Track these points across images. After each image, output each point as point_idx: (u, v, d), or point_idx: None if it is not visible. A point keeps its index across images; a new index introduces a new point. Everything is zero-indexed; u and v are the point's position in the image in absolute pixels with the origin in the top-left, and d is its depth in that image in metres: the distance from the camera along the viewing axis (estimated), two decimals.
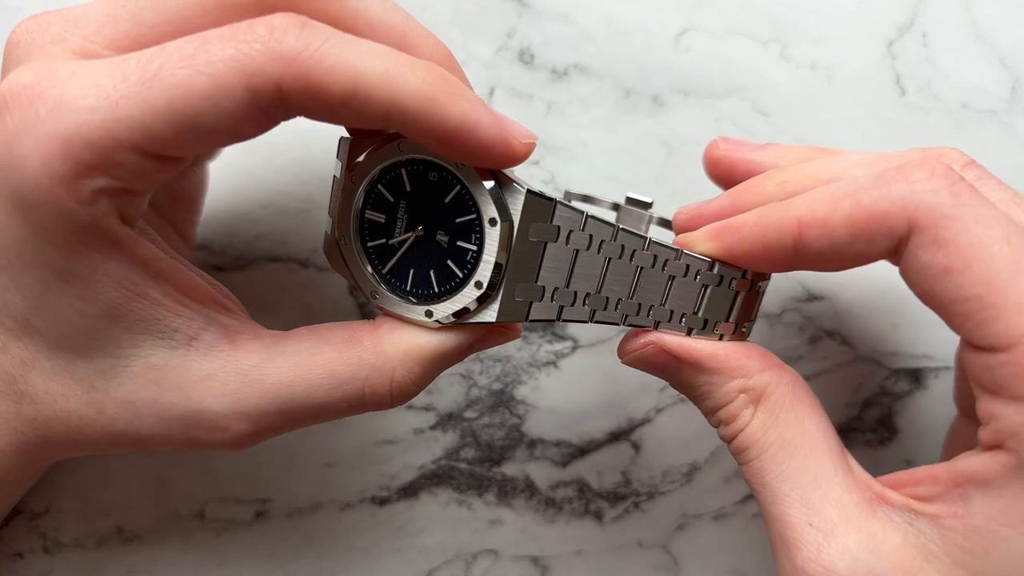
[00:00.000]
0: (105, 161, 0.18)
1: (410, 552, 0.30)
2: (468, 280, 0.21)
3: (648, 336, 0.22)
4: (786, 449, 0.20)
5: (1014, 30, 0.33)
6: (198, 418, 0.21)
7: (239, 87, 0.17)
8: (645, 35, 0.31)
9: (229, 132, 0.18)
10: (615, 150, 0.31)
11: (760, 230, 0.20)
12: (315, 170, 0.30)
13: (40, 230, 0.19)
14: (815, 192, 0.20)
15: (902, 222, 0.18)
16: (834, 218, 0.19)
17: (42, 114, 0.18)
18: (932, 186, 0.18)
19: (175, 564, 0.29)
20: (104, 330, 0.20)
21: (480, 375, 0.30)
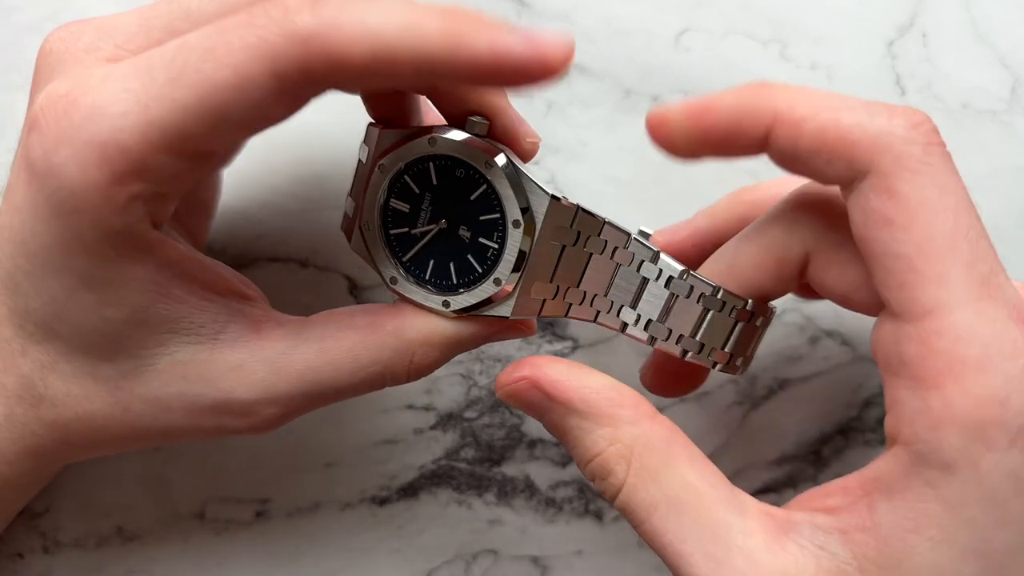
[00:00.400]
0: (141, 166, 0.18)
1: (410, 552, 0.30)
2: (487, 275, 0.22)
3: (523, 371, 0.21)
4: (675, 507, 0.19)
5: (1014, 30, 0.33)
6: (228, 406, 0.21)
7: (264, 75, 0.17)
8: (645, 35, 0.31)
9: (262, 119, 0.18)
10: (615, 150, 0.31)
11: (737, 113, 0.19)
12: (315, 170, 0.30)
13: (73, 237, 0.19)
14: (805, 91, 0.19)
15: (864, 159, 0.18)
16: (808, 125, 0.18)
17: (77, 122, 0.18)
18: (909, 136, 0.18)
19: (175, 564, 0.29)
20: (129, 332, 0.20)
21: (480, 375, 0.30)
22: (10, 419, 0.21)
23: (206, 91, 0.17)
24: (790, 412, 0.31)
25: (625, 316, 0.23)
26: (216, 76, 0.17)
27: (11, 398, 0.21)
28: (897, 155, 0.18)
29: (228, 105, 0.17)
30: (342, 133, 0.29)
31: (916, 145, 0.18)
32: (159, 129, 0.17)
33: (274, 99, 0.17)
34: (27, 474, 0.23)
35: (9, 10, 0.29)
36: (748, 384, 0.31)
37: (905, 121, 0.18)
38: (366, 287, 0.30)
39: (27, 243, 0.19)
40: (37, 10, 0.29)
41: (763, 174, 0.32)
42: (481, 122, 0.21)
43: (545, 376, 0.21)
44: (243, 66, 0.17)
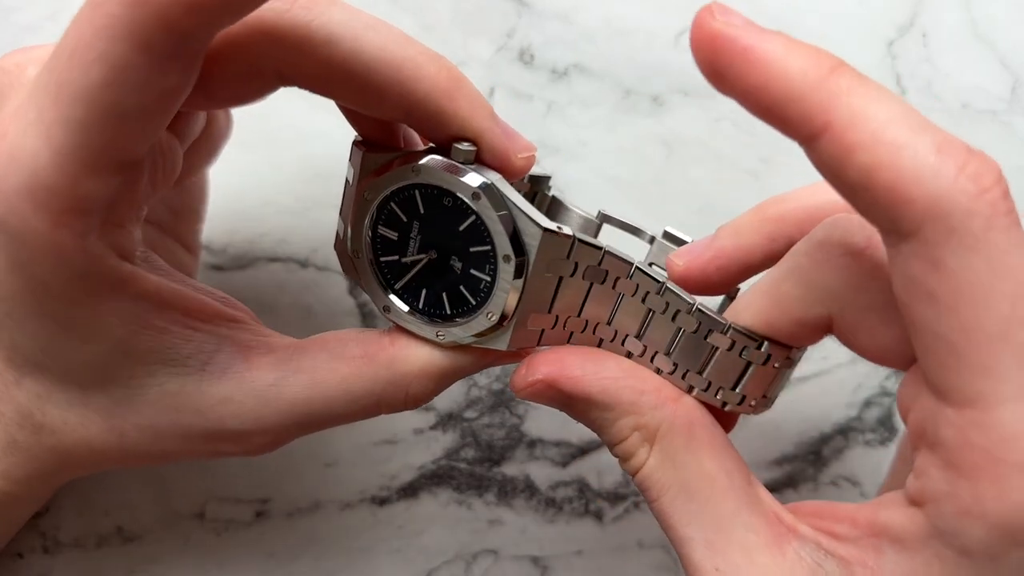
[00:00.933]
0: (74, 199, 0.17)
1: (410, 552, 0.30)
2: (481, 308, 0.20)
3: (537, 372, 0.20)
4: (686, 491, 0.19)
5: (1014, 30, 0.33)
6: (220, 435, 0.21)
7: (130, 54, 0.15)
8: (645, 35, 0.31)
9: (162, 98, 0.16)
10: (615, 150, 0.31)
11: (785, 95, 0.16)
12: (316, 169, 0.30)
13: (37, 284, 0.18)
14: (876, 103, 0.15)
15: (914, 220, 0.15)
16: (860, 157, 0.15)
17: (2, 172, 0.17)
18: (972, 205, 0.15)
19: (175, 564, 0.29)
20: (116, 364, 0.20)
21: (480, 375, 0.30)
22: (14, 445, 0.21)
23: (88, 99, 0.16)
24: (790, 412, 0.31)
25: (630, 346, 0.21)
26: (89, 79, 0.15)
27: (11, 426, 0.21)
28: (952, 227, 0.15)
29: (116, 103, 0.16)
30: (342, 133, 0.29)
31: (978, 217, 0.15)
32: (69, 156, 0.16)
33: (158, 72, 0.16)
34: (33, 492, 0.23)
35: (9, 10, 0.29)
36: None
37: (974, 184, 0.15)
38: None
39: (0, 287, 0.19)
40: (37, 10, 0.29)
41: (764, 176, 0.32)
42: (468, 149, 0.19)
43: (560, 375, 0.20)
44: (106, 56, 0.15)
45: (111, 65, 0.15)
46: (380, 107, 0.19)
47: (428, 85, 0.19)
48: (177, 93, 0.17)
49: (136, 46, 0.15)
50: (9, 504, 0.22)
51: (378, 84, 0.18)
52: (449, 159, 0.20)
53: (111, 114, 0.16)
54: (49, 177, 0.16)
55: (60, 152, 0.16)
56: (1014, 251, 0.15)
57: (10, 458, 0.21)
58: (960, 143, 0.15)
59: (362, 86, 0.19)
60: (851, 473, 0.31)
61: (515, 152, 0.20)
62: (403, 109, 0.19)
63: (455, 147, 0.19)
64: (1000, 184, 0.15)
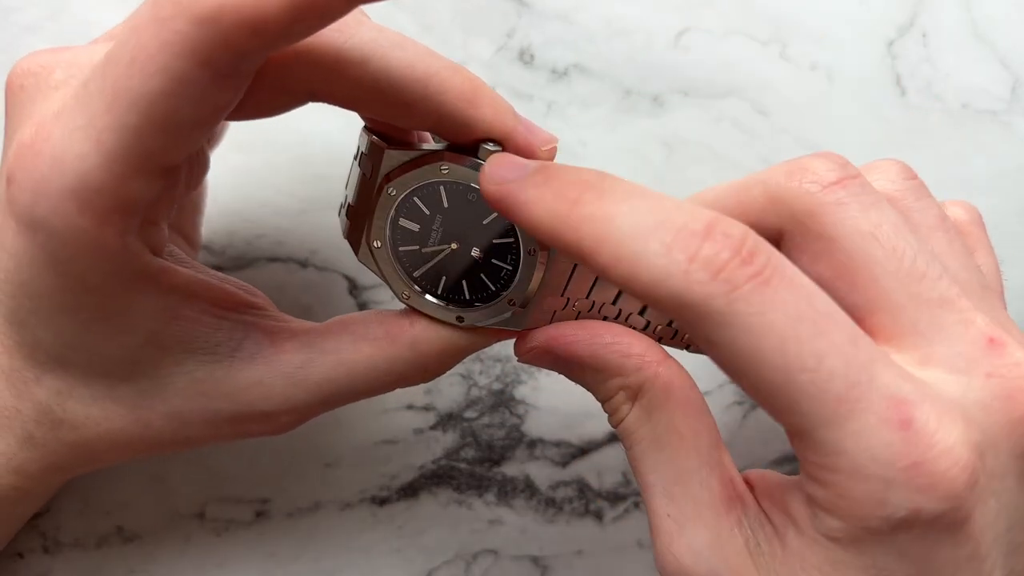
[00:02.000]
0: (118, 201, 0.17)
1: (410, 552, 0.30)
2: (501, 294, 0.22)
3: (537, 339, 0.22)
4: (655, 444, 0.21)
5: (1014, 30, 0.33)
6: (249, 417, 0.22)
7: (192, 69, 0.16)
8: (645, 35, 0.31)
9: (213, 110, 0.17)
10: (615, 150, 0.31)
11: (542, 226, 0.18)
12: (315, 169, 0.30)
13: (76, 282, 0.19)
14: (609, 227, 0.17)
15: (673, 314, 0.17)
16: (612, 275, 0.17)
17: (46, 173, 0.17)
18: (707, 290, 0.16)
19: (175, 564, 0.29)
20: (145, 356, 0.20)
21: (480, 375, 0.30)
22: (30, 441, 0.21)
23: (145, 107, 0.16)
24: None
25: (634, 323, 0.23)
26: (147, 88, 0.16)
27: (28, 422, 0.21)
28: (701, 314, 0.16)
29: (172, 112, 0.17)
30: (342, 133, 0.29)
31: (718, 298, 0.16)
32: (119, 160, 0.17)
33: (215, 87, 0.17)
34: (45, 487, 0.23)
35: (9, 10, 0.29)
36: None
37: (705, 270, 0.16)
38: (366, 287, 0.30)
39: (28, 285, 0.19)
40: (37, 10, 0.29)
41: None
42: (494, 149, 0.20)
43: (556, 341, 0.22)
44: (169, 69, 0.16)
45: (172, 78, 0.16)
46: (408, 120, 0.20)
47: (454, 96, 0.20)
48: (228, 107, 0.18)
49: (198, 63, 0.16)
50: (20, 500, 0.23)
51: (407, 100, 0.19)
52: (476, 158, 0.20)
53: (166, 123, 0.17)
54: (97, 179, 0.17)
55: (110, 156, 0.17)
56: (768, 308, 0.16)
57: (26, 453, 0.21)
58: (693, 226, 0.16)
59: (391, 102, 0.19)
60: None
61: (538, 146, 0.21)
62: (431, 121, 0.20)
63: (483, 148, 0.20)
64: (739, 251, 0.16)
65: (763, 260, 0.16)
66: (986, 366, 0.18)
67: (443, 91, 0.19)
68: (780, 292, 0.16)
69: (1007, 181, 0.33)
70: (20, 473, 0.22)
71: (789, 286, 0.16)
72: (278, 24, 0.16)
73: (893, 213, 0.19)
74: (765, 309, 0.16)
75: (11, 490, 0.22)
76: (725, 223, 0.17)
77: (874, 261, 0.19)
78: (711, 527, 0.20)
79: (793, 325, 0.16)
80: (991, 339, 0.18)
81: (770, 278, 0.16)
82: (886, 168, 0.22)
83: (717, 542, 0.20)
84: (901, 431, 0.16)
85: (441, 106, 0.19)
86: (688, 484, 0.20)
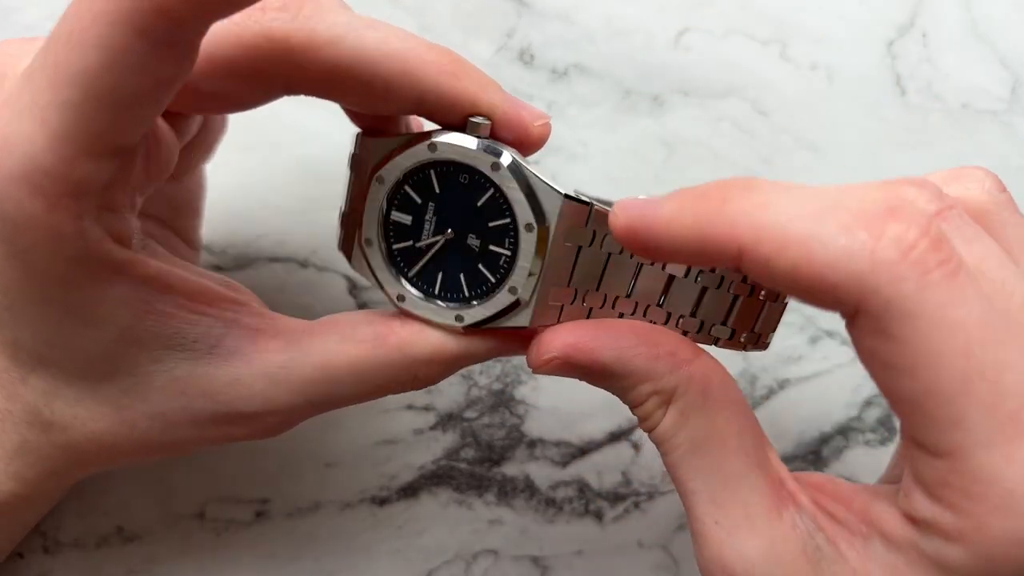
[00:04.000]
0: (69, 183, 0.17)
1: (410, 552, 0.30)
2: (501, 285, 0.20)
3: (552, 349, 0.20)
4: (695, 448, 0.20)
5: (1014, 30, 0.33)
6: (230, 418, 0.21)
7: (128, 38, 0.15)
8: (645, 35, 0.31)
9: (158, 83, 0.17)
10: (615, 150, 0.31)
11: (694, 244, 0.17)
12: (314, 170, 0.30)
13: (37, 271, 0.18)
14: (775, 207, 0.16)
15: (851, 301, 0.15)
16: (778, 265, 0.15)
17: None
18: (898, 270, 0.15)
19: (175, 564, 0.29)
20: (122, 352, 0.20)
21: (480, 375, 0.30)
22: (25, 445, 0.21)
23: (85, 82, 0.16)
24: (790, 412, 0.31)
25: (652, 316, 0.22)
26: (86, 63, 0.15)
27: (20, 424, 0.21)
28: (886, 299, 0.15)
29: (113, 87, 0.16)
30: (342, 133, 0.29)
31: (908, 281, 0.15)
32: (65, 140, 0.16)
33: (155, 58, 0.16)
34: (44, 493, 0.23)
35: (9, 10, 0.29)
36: (748, 384, 0.31)
37: (895, 248, 0.15)
38: (366, 287, 0.30)
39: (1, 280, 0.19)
40: (37, 10, 0.29)
41: (764, 176, 0.32)
42: (483, 122, 0.20)
43: (575, 349, 0.20)
44: (105, 40, 0.15)
45: (109, 49, 0.15)
46: (389, 102, 0.19)
47: (434, 70, 0.19)
48: (173, 81, 0.17)
49: (134, 32, 0.15)
50: (20, 507, 0.23)
51: (384, 79, 0.19)
52: (465, 133, 0.20)
53: (107, 98, 0.16)
54: (45, 160, 0.16)
55: (56, 135, 0.16)
56: (957, 301, 0.15)
57: (22, 459, 0.21)
58: (876, 207, 0.15)
59: (368, 84, 0.19)
60: (851, 473, 0.31)
61: (530, 121, 0.20)
62: (412, 100, 0.19)
63: (471, 121, 0.20)
64: (929, 232, 0.15)
65: (950, 248, 0.15)
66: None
67: (422, 66, 0.19)
68: (968, 287, 0.15)
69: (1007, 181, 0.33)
70: (18, 479, 0.21)
71: (972, 283, 0.15)
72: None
73: None
74: (956, 302, 0.15)
75: (11, 496, 0.22)
76: (910, 202, 0.15)
77: None
78: (764, 534, 0.19)
79: (980, 327, 0.15)
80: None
81: (957, 269, 0.15)
82: (976, 176, 0.20)
83: (772, 549, 0.18)
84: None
85: (421, 83, 0.19)
86: (736, 489, 0.19)
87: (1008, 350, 0.15)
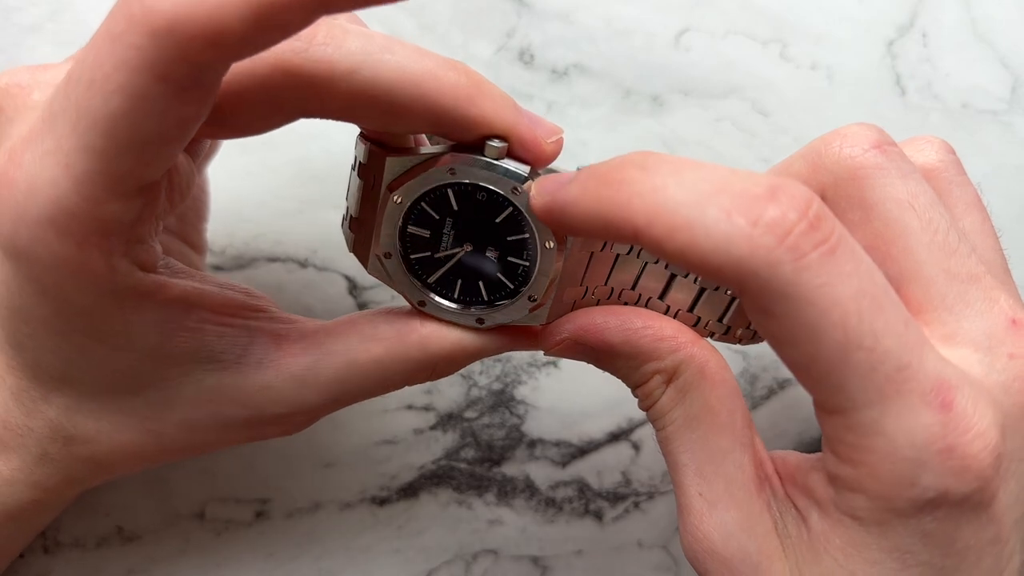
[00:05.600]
0: (97, 223, 0.17)
1: (410, 552, 0.30)
2: (520, 291, 0.21)
3: (563, 331, 0.22)
4: (688, 424, 0.21)
5: (1014, 30, 0.33)
6: (260, 420, 0.21)
7: (150, 84, 0.15)
8: (645, 35, 0.31)
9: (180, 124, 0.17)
10: (615, 150, 0.31)
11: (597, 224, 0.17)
12: (313, 170, 0.30)
13: (67, 307, 0.18)
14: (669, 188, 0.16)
15: (734, 283, 0.16)
16: (668, 247, 0.16)
17: (21, 202, 0.17)
18: (774, 255, 0.15)
19: (175, 564, 0.29)
20: (149, 369, 0.20)
21: (480, 375, 0.30)
22: (45, 457, 0.21)
23: (108, 127, 0.16)
24: (790, 412, 0.31)
25: (654, 306, 0.23)
26: (108, 108, 0.16)
27: (42, 440, 0.21)
28: (764, 281, 0.16)
29: (136, 130, 0.16)
30: (341, 133, 0.29)
31: (784, 265, 0.15)
32: (90, 183, 0.16)
33: (177, 101, 0.16)
34: (63, 499, 0.23)
35: (9, 10, 0.29)
36: (748, 384, 0.31)
37: (771, 234, 0.15)
38: (366, 287, 0.30)
39: (22, 311, 0.19)
40: (37, 10, 0.29)
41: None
42: (500, 145, 0.20)
43: (585, 331, 0.22)
44: (127, 86, 0.15)
45: (131, 95, 0.15)
46: (404, 125, 0.19)
47: (450, 94, 0.19)
48: (194, 120, 0.17)
49: (156, 78, 0.15)
50: (38, 512, 0.23)
51: (402, 105, 0.19)
52: (482, 156, 0.20)
53: (131, 142, 0.16)
54: (71, 203, 0.17)
55: (81, 180, 0.16)
56: (834, 279, 0.16)
57: (42, 469, 0.22)
58: (755, 190, 0.16)
59: (386, 110, 0.19)
60: None
61: (544, 139, 0.21)
62: (429, 123, 0.19)
63: (488, 145, 0.20)
64: (806, 215, 0.15)
65: (829, 227, 0.16)
66: (1009, 346, 0.18)
67: (438, 90, 0.19)
68: (846, 264, 0.16)
69: (1007, 181, 0.33)
70: (38, 487, 0.22)
71: (852, 258, 0.16)
72: (236, 35, 0.15)
73: (927, 186, 0.19)
74: (832, 280, 0.15)
75: (30, 503, 0.22)
76: (790, 184, 0.16)
77: (909, 231, 0.19)
78: (743, 507, 0.20)
79: (856, 300, 0.16)
80: (1013, 320, 0.18)
81: (835, 247, 0.16)
82: (927, 141, 0.22)
83: (748, 522, 0.20)
84: (942, 414, 0.16)
85: (438, 106, 0.19)
86: (722, 463, 0.20)
87: (885, 317, 0.16)
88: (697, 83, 0.31)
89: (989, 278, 0.19)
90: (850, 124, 0.20)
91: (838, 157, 0.20)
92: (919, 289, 0.19)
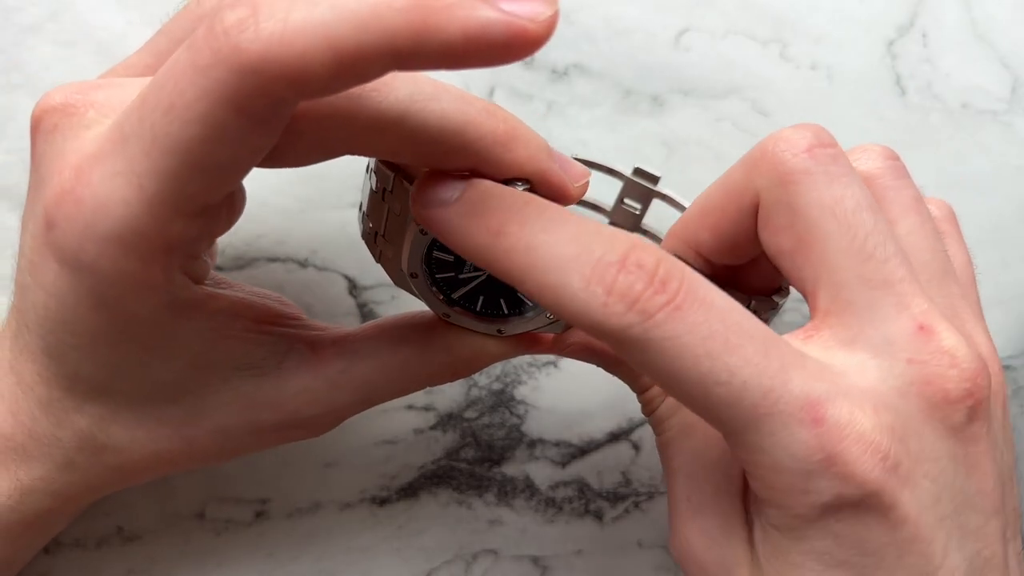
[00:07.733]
0: (162, 242, 0.18)
1: (410, 552, 0.30)
2: (538, 308, 0.22)
3: (575, 338, 0.24)
4: (684, 432, 0.22)
5: (1014, 30, 0.33)
6: (293, 423, 0.23)
7: (229, 115, 0.16)
8: (645, 35, 0.31)
9: (251, 152, 0.17)
10: (615, 150, 0.31)
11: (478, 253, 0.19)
12: (314, 169, 0.30)
13: (122, 317, 0.19)
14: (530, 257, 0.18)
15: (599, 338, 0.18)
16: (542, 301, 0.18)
17: (90, 219, 0.18)
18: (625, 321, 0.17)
19: (175, 564, 0.29)
20: (190, 377, 0.21)
21: (480, 375, 0.30)
22: (71, 465, 0.22)
23: (184, 152, 0.16)
24: None
25: None
26: (186, 135, 0.16)
27: (70, 449, 0.21)
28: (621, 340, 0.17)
29: (210, 157, 0.17)
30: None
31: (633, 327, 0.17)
32: (160, 204, 0.17)
33: (252, 132, 0.17)
34: (81, 506, 0.24)
35: (9, 10, 0.29)
36: None
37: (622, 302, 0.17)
38: (366, 287, 0.30)
39: (71, 323, 0.19)
40: (38, 10, 0.29)
41: None
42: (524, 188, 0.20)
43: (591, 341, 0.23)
44: (207, 116, 0.16)
45: (210, 125, 0.16)
46: (443, 165, 0.20)
47: (489, 141, 0.19)
48: (264, 149, 0.18)
49: (236, 110, 0.16)
50: (54, 521, 0.23)
51: (444, 150, 0.19)
52: None
53: (204, 167, 0.17)
54: (141, 223, 0.17)
55: (152, 201, 0.17)
56: (680, 332, 0.17)
57: (66, 477, 0.22)
58: (609, 257, 0.17)
59: (428, 152, 0.19)
60: None
61: (571, 183, 0.21)
62: (464, 166, 0.20)
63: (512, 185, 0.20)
64: (652, 281, 0.17)
65: (675, 286, 0.17)
66: (910, 352, 0.18)
67: (478, 139, 0.19)
68: (692, 315, 0.17)
69: (1007, 181, 0.33)
70: (58, 496, 0.22)
71: (701, 307, 0.17)
72: (318, 79, 0.15)
73: (860, 189, 0.20)
74: (679, 332, 0.17)
75: (47, 512, 0.22)
76: (640, 251, 0.17)
77: (827, 236, 0.19)
78: (727, 516, 0.21)
79: (704, 344, 0.17)
80: (921, 325, 0.19)
81: (682, 303, 0.17)
82: (869, 149, 0.22)
83: (727, 531, 0.20)
84: (814, 428, 0.17)
85: (475, 154, 0.19)
86: (712, 471, 0.21)
87: (738, 353, 0.17)
88: (697, 83, 0.31)
89: (907, 284, 0.19)
90: (791, 126, 0.21)
91: (771, 161, 0.20)
92: (828, 294, 0.19)
